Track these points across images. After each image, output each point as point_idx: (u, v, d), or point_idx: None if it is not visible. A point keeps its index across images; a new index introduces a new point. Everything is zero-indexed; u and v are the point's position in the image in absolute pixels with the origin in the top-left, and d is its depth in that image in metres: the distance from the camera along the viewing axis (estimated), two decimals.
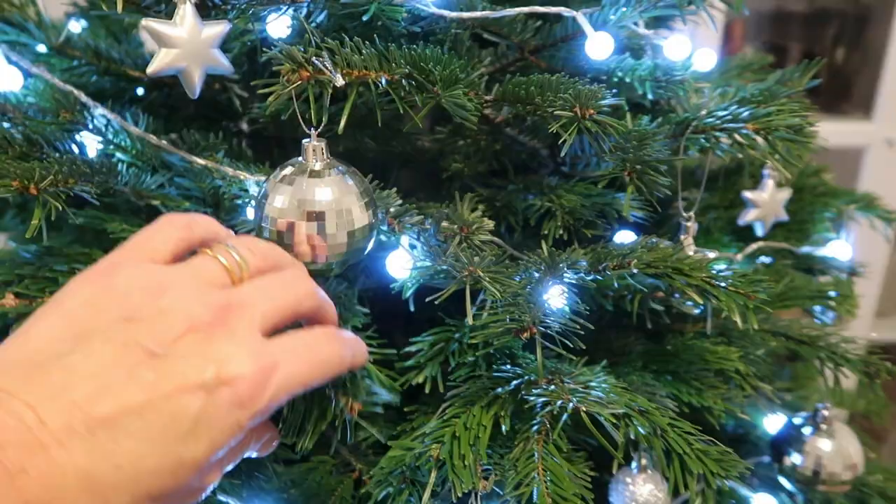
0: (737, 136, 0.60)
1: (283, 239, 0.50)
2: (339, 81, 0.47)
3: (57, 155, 0.60)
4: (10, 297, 0.50)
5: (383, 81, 0.52)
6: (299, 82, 0.47)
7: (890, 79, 1.86)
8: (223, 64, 0.56)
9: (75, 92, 0.65)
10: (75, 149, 0.66)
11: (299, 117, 0.50)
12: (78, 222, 0.67)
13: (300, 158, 0.52)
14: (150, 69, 0.54)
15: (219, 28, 0.55)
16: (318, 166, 0.51)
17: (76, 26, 0.88)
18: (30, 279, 0.57)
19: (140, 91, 0.87)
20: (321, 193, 0.50)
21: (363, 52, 0.52)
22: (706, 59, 0.82)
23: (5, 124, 0.63)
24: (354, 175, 0.53)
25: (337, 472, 0.68)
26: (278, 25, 0.66)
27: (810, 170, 0.99)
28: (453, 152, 0.81)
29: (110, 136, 0.67)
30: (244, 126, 0.97)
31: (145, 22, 0.52)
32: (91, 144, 0.66)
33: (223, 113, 0.91)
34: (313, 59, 0.47)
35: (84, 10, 0.92)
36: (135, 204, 0.73)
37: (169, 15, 0.58)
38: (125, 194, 0.67)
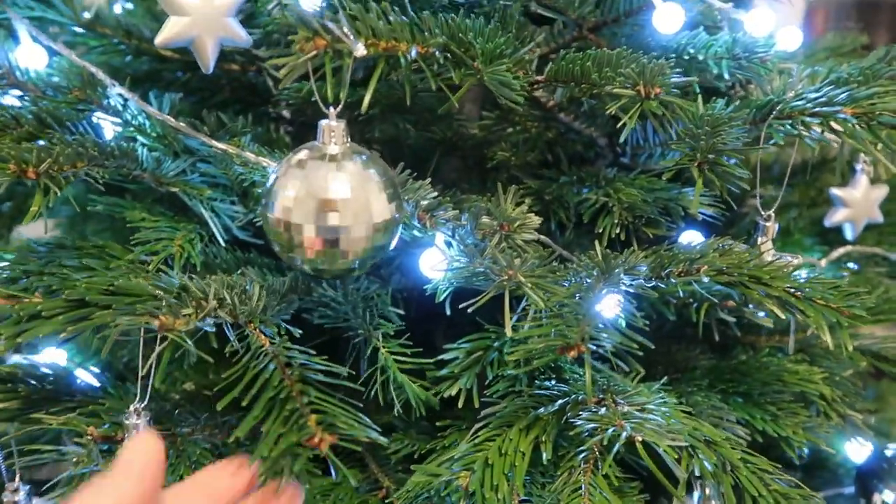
0: (831, 123, 0.50)
1: (293, 233, 0.44)
2: (360, 51, 0.41)
3: (69, 137, 0.55)
4: None
5: (413, 53, 0.45)
6: (314, 52, 0.41)
7: None
8: (239, 34, 0.51)
9: (91, 68, 0.60)
10: (90, 130, 0.62)
11: (316, 93, 0.44)
12: (97, 209, 0.62)
13: (317, 142, 0.45)
14: (158, 39, 0.48)
15: None
16: (335, 150, 0.45)
17: (117, 7, 0.85)
18: (34, 275, 0.52)
19: (174, 74, 0.83)
20: (338, 182, 0.43)
21: (391, 19, 0.45)
22: (791, 37, 0.73)
23: (18, 103, 0.59)
24: (377, 162, 0.46)
25: (363, 489, 0.62)
26: None
27: None
28: (500, 140, 0.73)
29: (128, 118, 0.62)
30: (284, 112, 0.92)
31: None
32: (107, 126, 0.62)
33: (260, 97, 0.86)
34: (328, 23, 0.40)
35: None
36: (159, 192, 0.69)
37: None
38: (145, 181, 0.62)
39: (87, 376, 0.59)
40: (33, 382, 0.54)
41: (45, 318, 0.43)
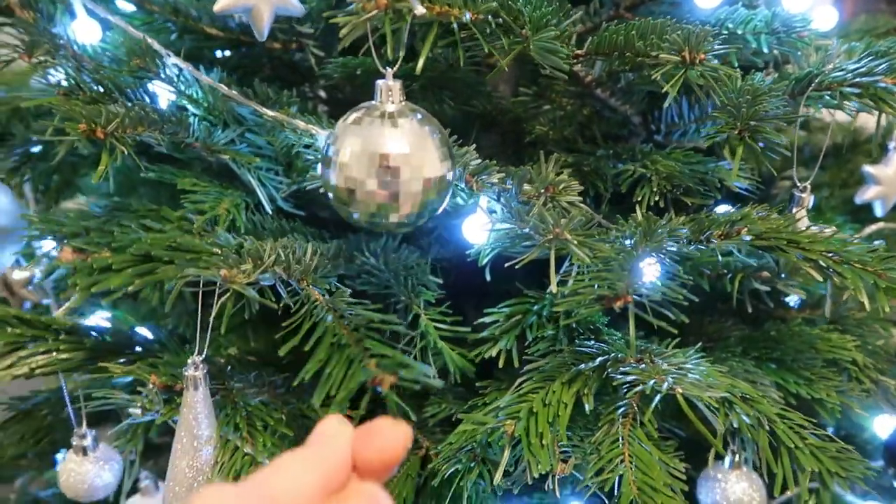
0: (872, 91, 0.51)
1: (353, 187, 0.46)
2: (420, 10, 0.43)
3: (131, 103, 0.58)
4: (67, 251, 0.48)
5: (467, 17, 0.47)
6: (375, 11, 0.43)
7: None
8: (293, 3, 0.53)
9: (148, 40, 0.63)
10: (147, 99, 0.64)
11: (374, 53, 0.46)
12: (149, 176, 0.65)
13: (373, 101, 0.48)
14: (217, 6, 0.50)
15: None
16: (392, 108, 0.47)
17: None
18: (95, 232, 0.55)
19: (218, 52, 0.85)
20: (395, 138, 0.45)
21: None
22: (827, 15, 0.74)
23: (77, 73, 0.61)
24: (432, 121, 0.48)
25: None
26: None
27: None
28: (537, 116, 0.75)
29: (182, 87, 0.64)
30: (321, 92, 0.94)
31: None
32: (163, 95, 0.64)
33: (300, 75, 0.88)
34: None
35: None
36: (206, 161, 0.71)
37: None
38: (196, 149, 0.64)
39: (145, 332, 0.61)
40: (95, 335, 0.57)
41: (115, 270, 0.45)
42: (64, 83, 0.58)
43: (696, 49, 0.49)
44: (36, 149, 0.77)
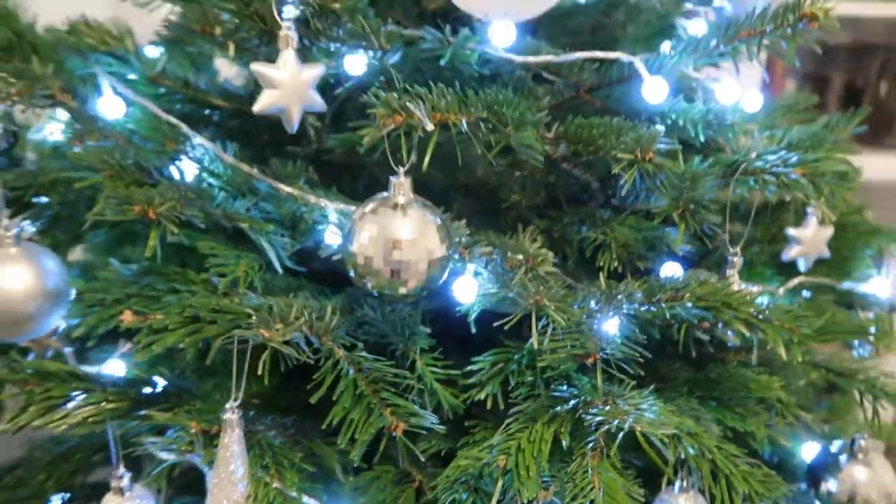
0: (785, 180, 0.64)
1: (369, 264, 0.56)
2: (430, 126, 0.53)
3: (166, 181, 0.67)
4: (129, 313, 0.57)
5: (464, 123, 0.58)
6: (393, 126, 0.53)
7: None
8: (318, 102, 0.63)
9: (173, 120, 0.72)
10: (175, 174, 0.73)
11: (389, 157, 0.56)
12: (175, 241, 0.73)
13: (385, 193, 0.58)
14: (256, 108, 0.60)
15: (316, 71, 0.62)
16: (402, 201, 0.57)
17: (153, 50, 0.95)
18: (136, 298, 0.63)
19: (223, 119, 0.94)
20: (405, 225, 0.56)
21: (446, 97, 0.58)
22: (753, 100, 0.87)
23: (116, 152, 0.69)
24: (434, 210, 0.58)
25: (399, 482, 0.73)
26: (356, 63, 0.72)
27: (853, 208, 1.03)
28: (510, 183, 0.86)
29: (205, 163, 0.73)
30: (311, 151, 1.04)
31: (255, 66, 0.59)
32: (189, 170, 0.73)
33: (294, 140, 0.98)
34: (409, 104, 0.52)
35: (169, 41, 1.00)
36: (220, 224, 0.80)
37: (268, 56, 0.64)
38: (216, 217, 0.73)
39: (180, 383, 0.70)
40: (136, 387, 0.65)
41: (170, 331, 0.54)
42: (106, 159, 0.67)
43: (645, 149, 0.61)
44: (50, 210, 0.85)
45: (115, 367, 0.78)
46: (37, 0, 0.85)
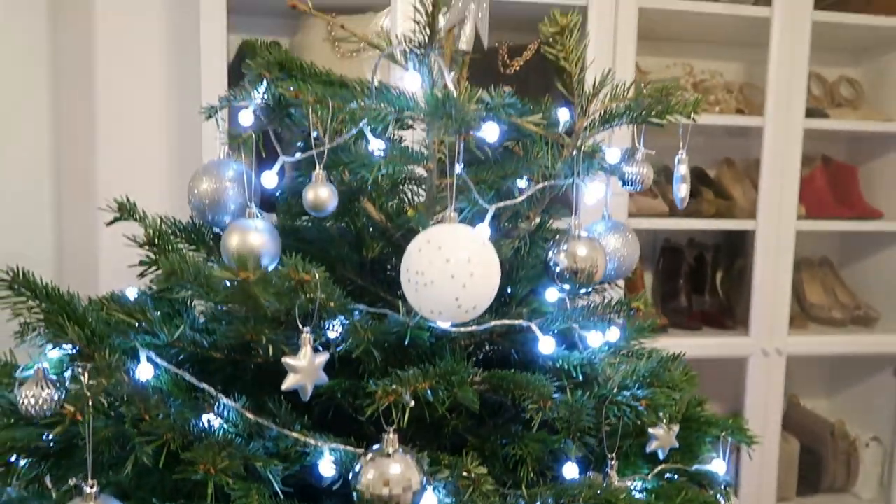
0: (638, 413, 0.97)
1: (374, 501, 0.82)
2: (411, 403, 0.82)
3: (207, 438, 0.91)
4: None
5: (429, 392, 0.88)
6: (385, 403, 0.82)
7: (757, 300, 2.37)
8: (324, 377, 0.91)
9: (203, 385, 0.97)
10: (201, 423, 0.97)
11: (382, 418, 0.84)
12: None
13: (380, 446, 0.85)
14: (284, 386, 0.87)
15: (325, 356, 0.90)
16: (391, 451, 0.85)
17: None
18: None
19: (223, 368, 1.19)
20: (396, 470, 0.83)
21: (417, 376, 0.88)
22: (614, 334, 1.23)
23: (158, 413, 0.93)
24: (413, 454, 0.86)
25: None
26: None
27: (694, 402, 1.39)
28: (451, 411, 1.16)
29: (225, 415, 0.98)
30: None
31: (285, 359, 0.87)
32: (215, 423, 0.98)
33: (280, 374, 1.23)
34: (397, 387, 0.82)
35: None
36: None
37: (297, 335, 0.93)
38: (234, 456, 0.97)
39: None
40: None
41: None
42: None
43: (546, 397, 0.92)
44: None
45: None
46: None
